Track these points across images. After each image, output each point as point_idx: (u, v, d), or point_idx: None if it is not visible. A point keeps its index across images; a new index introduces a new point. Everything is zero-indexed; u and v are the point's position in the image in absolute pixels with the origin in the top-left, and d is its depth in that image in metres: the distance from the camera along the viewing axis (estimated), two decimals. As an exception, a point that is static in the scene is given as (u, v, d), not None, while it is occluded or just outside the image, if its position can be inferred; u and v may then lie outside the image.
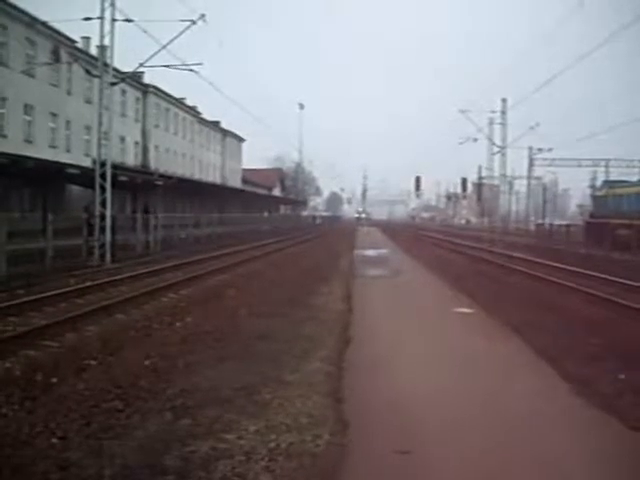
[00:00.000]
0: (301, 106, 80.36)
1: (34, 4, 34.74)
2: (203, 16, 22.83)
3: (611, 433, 5.60)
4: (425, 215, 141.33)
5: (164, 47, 22.83)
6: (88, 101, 38.62)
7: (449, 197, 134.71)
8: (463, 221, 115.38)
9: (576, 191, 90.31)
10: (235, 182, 74.01)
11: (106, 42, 22.69)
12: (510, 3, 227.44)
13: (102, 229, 22.23)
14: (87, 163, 31.68)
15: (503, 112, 44.78)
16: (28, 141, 34.20)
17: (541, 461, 4.95)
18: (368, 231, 65.63)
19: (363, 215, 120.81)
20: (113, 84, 24.03)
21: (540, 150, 58.58)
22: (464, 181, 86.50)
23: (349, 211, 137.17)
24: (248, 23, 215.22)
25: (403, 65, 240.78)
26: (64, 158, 32.90)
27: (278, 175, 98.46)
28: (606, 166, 56.72)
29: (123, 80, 28.11)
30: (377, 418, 5.89)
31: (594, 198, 39.50)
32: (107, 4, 22.04)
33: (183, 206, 47.28)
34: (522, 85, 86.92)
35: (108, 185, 22.70)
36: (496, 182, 57.08)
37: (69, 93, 38.36)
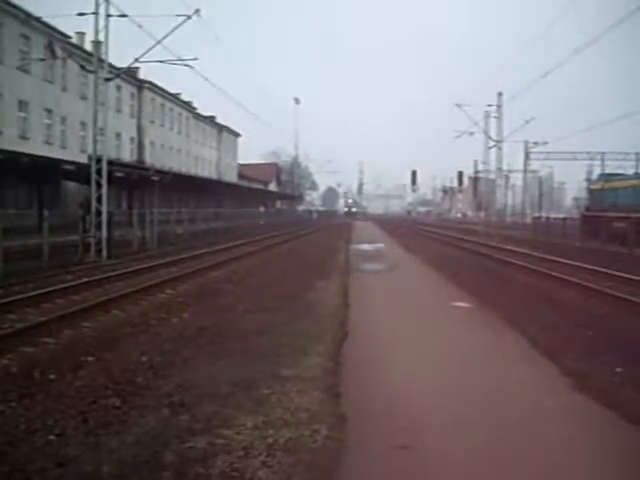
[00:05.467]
0: (297, 101, 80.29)
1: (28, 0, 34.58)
2: (198, 11, 22.79)
3: (610, 427, 5.63)
4: (421, 209, 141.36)
5: (159, 42, 22.75)
6: (83, 97, 38.51)
7: (445, 191, 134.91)
8: (459, 215, 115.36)
9: (572, 184, 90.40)
10: (231, 177, 73.95)
11: (101, 37, 22.60)
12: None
13: (98, 225, 22.19)
14: (83, 159, 31.54)
15: (499, 106, 44.77)
16: (23, 137, 34.10)
17: (540, 455, 4.97)
18: (363, 226, 65.57)
19: (354, 209, 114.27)
20: (108, 80, 23.89)
21: (536, 144, 58.80)
22: (460, 175, 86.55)
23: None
24: (244, 17, 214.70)
25: (400, 60, 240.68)
26: (59, 154, 32.81)
27: (274, 170, 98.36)
28: (602, 159, 56.80)
29: (118, 76, 27.98)
30: (375, 413, 5.89)
31: (590, 191, 39.45)
32: (101, -1, 21.94)
33: (179, 202, 47.22)
34: (518, 79, 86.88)
35: (104, 181, 22.64)
36: (492, 176, 57.11)
37: (64, 89, 38.25)
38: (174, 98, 58.92)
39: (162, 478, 4.42)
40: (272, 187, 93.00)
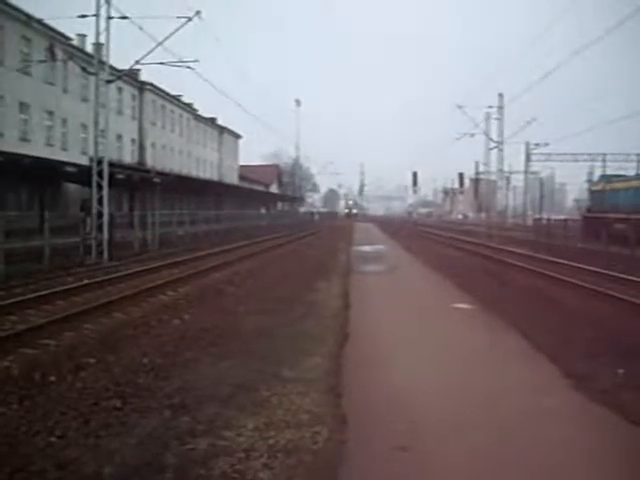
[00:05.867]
0: (298, 102, 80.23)
1: (29, 2, 34.72)
2: (199, 13, 22.83)
3: (612, 428, 5.62)
4: (422, 211, 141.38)
5: (160, 44, 22.79)
6: (84, 99, 38.55)
7: (446, 192, 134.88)
8: (460, 216, 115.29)
9: (573, 186, 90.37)
10: (232, 179, 73.95)
11: (102, 39, 22.65)
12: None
13: (100, 227, 22.20)
14: (84, 161, 31.61)
15: (500, 107, 44.83)
16: (24, 139, 34.13)
17: (541, 456, 4.96)
18: (364, 227, 65.58)
19: (354, 211, 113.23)
20: (109, 82, 23.94)
21: (537, 145, 58.81)
22: (461, 176, 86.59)
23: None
24: (244, 19, 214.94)
25: (400, 60, 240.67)
26: (61, 156, 32.83)
27: (275, 171, 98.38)
28: (603, 160, 56.81)
29: (119, 78, 28.07)
30: (376, 414, 5.88)
31: (591, 192, 39.44)
32: (103, 1, 21.98)
33: (180, 203, 47.26)
34: (519, 79, 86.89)
35: (105, 183, 22.66)
36: (493, 177, 57.17)
37: (65, 91, 38.27)
38: (175, 100, 58.96)
39: (163, 480, 4.42)
40: (273, 189, 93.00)
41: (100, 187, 22.65)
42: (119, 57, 26.71)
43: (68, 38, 37.59)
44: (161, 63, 24.63)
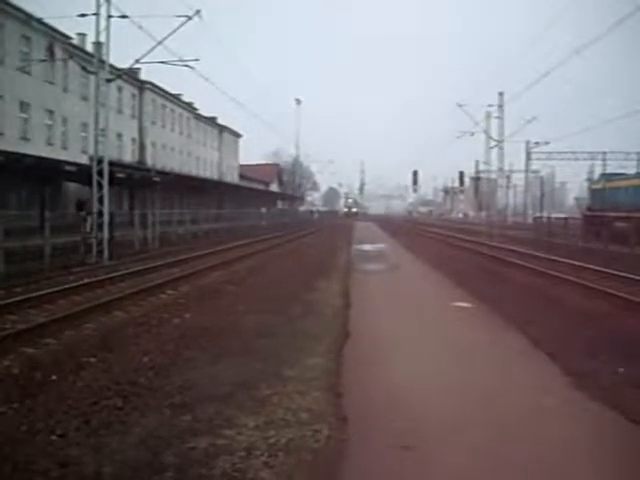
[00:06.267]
0: (298, 101, 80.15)
1: (29, 1, 34.68)
2: (199, 12, 22.79)
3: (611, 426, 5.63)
4: (423, 209, 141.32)
5: (160, 43, 22.72)
6: (84, 98, 38.55)
7: (446, 191, 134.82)
8: (461, 215, 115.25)
9: (573, 184, 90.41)
10: (232, 178, 73.96)
11: (102, 38, 22.62)
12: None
13: (100, 226, 22.21)
14: (84, 160, 31.64)
15: (500, 106, 44.76)
16: (24, 138, 34.11)
17: (541, 454, 4.97)
18: (364, 226, 65.58)
19: (354, 209, 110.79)
20: (109, 81, 23.90)
21: (537, 144, 58.79)
22: (461, 175, 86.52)
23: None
24: (244, 18, 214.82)
25: (400, 60, 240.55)
26: (61, 155, 32.83)
27: (275, 170, 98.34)
28: (603, 159, 56.80)
29: (119, 77, 28.03)
30: (376, 413, 5.89)
31: (591, 191, 39.40)
32: (102, 0, 21.96)
33: (181, 202, 47.27)
34: (519, 79, 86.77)
35: (105, 182, 22.65)
36: (493, 176, 57.11)
37: (65, 90, 38.26)
38: (175, 99, 58.93)
39: (164, 479, 4.42)
40: (273, 187, 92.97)
41: (100, 186, 22.64)
42: (119, 56, 26.68)
43: (68, 37, 37.57)
44: (161, 62, 24.61)
